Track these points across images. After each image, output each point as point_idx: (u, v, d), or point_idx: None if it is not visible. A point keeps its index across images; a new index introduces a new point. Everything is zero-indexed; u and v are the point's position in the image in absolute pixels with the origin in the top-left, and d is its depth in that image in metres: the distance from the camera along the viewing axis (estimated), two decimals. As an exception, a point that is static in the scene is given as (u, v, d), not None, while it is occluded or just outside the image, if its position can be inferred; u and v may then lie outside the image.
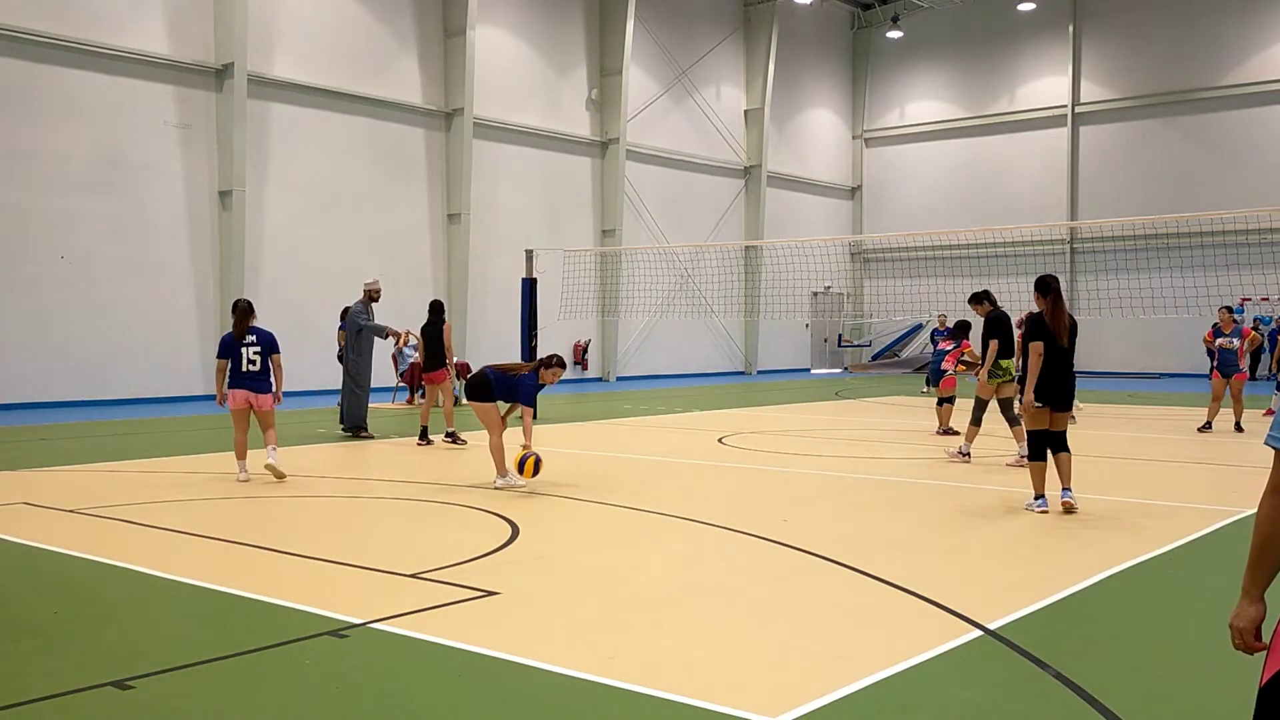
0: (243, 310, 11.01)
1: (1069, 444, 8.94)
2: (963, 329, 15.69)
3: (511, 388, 10.26)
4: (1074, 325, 8.98)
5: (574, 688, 4.57)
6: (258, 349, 10.70)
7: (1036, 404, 8.70)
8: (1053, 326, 8.74)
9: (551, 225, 28.04)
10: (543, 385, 10.34)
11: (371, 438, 14.60)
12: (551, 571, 6.78)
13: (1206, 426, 15.36)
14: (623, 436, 15.13)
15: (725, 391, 25.44)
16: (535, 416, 10.37)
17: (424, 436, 13.84)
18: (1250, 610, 2.63)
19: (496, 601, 5.95)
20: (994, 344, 11.94)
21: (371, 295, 15.02)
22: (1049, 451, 8.87)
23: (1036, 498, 8.84)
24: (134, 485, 10.22)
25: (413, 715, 4.31)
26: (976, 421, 12.38)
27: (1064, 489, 8.77)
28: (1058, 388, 8.75)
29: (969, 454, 12.26)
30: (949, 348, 15.52)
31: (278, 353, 10.82)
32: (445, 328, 14.19)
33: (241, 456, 10.56)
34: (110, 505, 8.99)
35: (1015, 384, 11.91)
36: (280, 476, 10.31)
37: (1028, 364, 8.84)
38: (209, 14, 21.39)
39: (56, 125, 19.40)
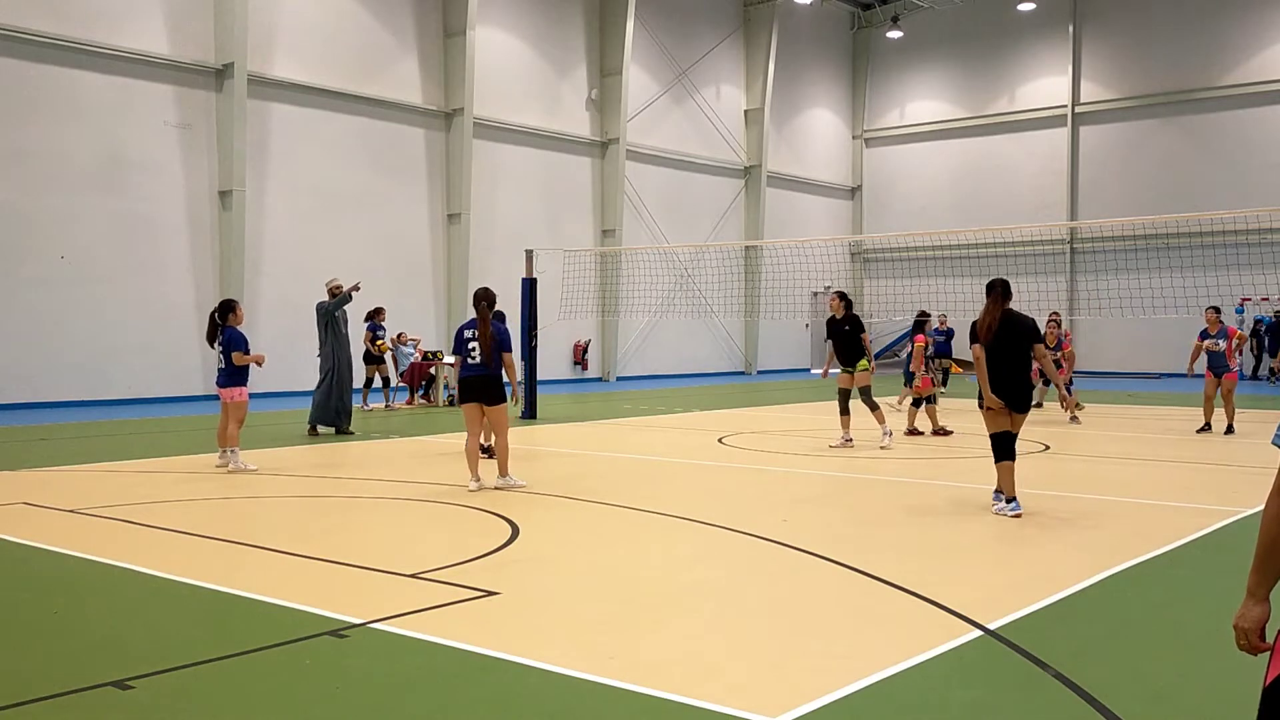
0: (210, 316, 11.75)
1: (1015, 451, 8.69)
2: (918, 326, 16.12)
3: (504, 346, 9.96)
4: (1019, 324, 8.58)
5: (574, 688, 4.57)
6: (220, 349, 11.48)
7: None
8: (979, 326, 8.61)
9: (551, 225, 28.03)
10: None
11: (352, 434, 14.63)
12: (551, 571, 6.77)
13: (1205, 428, 15.32)
14: (623, 436, 15.13)
15: (725, 391, 25.44)
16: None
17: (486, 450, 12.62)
18: (1255, 611, 2.63)
19: (496, 601, 5.95)
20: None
21: (334, 294, 15.11)
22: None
23: (1008, 500, 8.60)
24: (134, 485, 10.22)
25: (413, 715, 4.30)
26: (846, 411, 13.73)
27: (996, 493, 8.69)
28: (1000, 388, 8.54)
29: (852, 440, 13.47)
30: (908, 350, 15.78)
31: (236, 350, 11.38)
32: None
33: (219, 445, 11.40)
34: (110, 505, 8.99)
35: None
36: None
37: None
38: (209, 14, 21.39)
39: (56, 125, 19.40)
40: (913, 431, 15.07)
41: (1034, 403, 19.20)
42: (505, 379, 10.09)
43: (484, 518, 8.55)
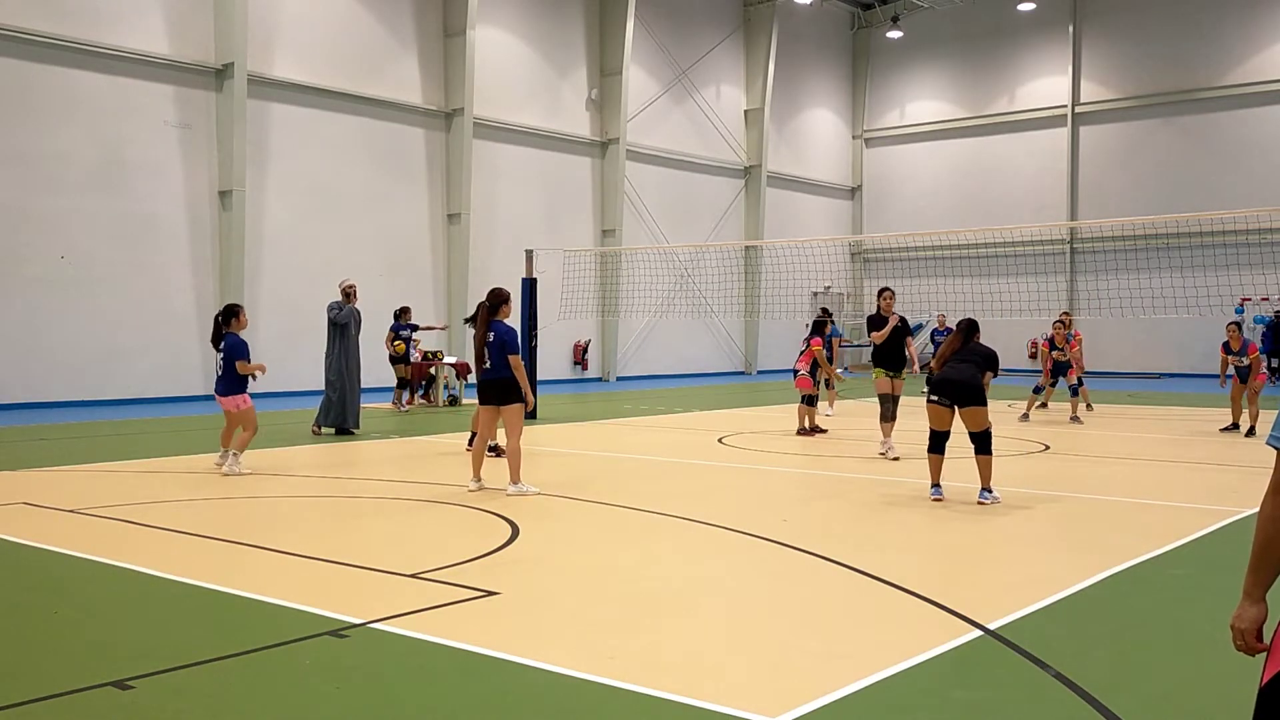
0: (215, 319, 11.59)
1: (945, 448, 9.59)
2: (818, 327, 15.77)
3: (508, 349, 9.92)
4: (978, 352, 9.70)
5: (574, 688, 4.57)
6: (220, 356, 11.28)
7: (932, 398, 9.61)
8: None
9: (551, 225, 28.03)
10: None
11: (353, 434, 14.65)
12: (551, 571, 6.78)
13: (1233, 427, 15.30)
14: (623, 436, 15.13)
15: (725, 391, 25.44)
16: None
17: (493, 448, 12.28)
18: (1251, 611, 2.63)
19: (496, 601, 5.95)
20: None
21: (345, 293, 15.20)
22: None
23: (932, 485, 9.63)
24: (134, 485, 10.22)
25: (413, 715, 4.31)
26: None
27: (983, 490, 9.32)
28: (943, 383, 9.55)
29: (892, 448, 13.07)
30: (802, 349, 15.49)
31: (238, 359, 11.18)
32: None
33: (223, 445, 11.26)
34: (110, 505, 8.99)
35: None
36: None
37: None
38: (209, 14, 21.39)
39: (56, 125, 19.39)
40: (803, 430, 15.11)
41: (1039, 403, 19.35)
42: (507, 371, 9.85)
43: (484, 518, 8.55)
